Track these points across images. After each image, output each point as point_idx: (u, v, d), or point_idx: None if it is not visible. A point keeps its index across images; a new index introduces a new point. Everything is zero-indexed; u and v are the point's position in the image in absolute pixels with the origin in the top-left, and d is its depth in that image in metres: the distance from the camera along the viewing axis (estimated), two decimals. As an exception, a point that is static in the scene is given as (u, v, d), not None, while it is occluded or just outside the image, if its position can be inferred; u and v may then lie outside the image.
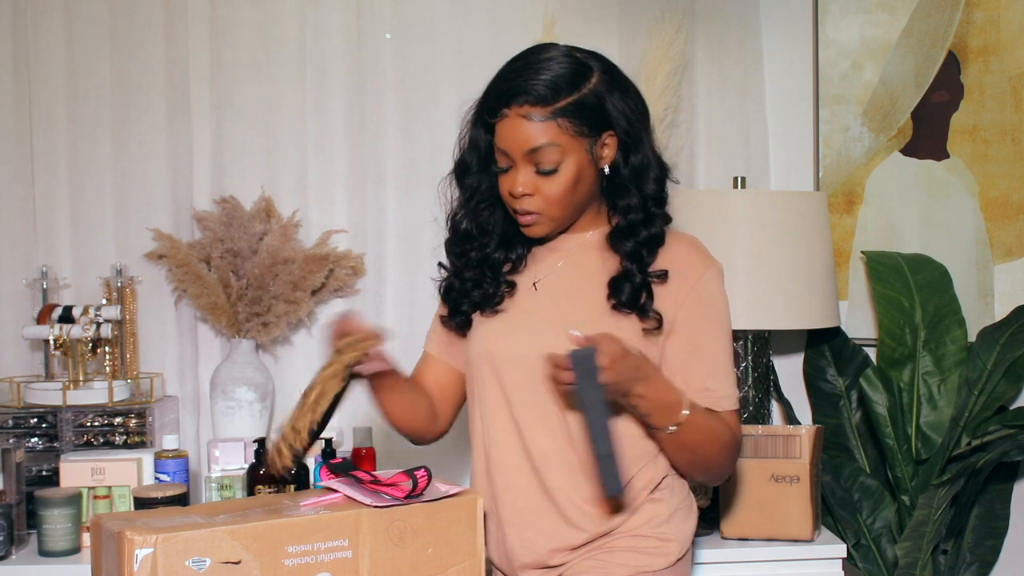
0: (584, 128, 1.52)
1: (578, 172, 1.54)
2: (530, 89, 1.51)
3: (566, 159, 1.52)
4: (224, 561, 1.29)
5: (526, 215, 1.56)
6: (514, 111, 1.52)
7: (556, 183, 1.53)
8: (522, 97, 1.51)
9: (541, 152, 1.52)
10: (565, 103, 1.51)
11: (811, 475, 2.11)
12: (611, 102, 1.54)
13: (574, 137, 1.52)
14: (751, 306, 2.30)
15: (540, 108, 1.51)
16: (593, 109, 1.53)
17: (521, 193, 1.54)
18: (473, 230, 1.65)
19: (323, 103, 2.53)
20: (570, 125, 1.51)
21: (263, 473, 2.09)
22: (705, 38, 2.61)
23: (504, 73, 1.56)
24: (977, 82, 2.52)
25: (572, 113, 1.51)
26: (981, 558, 2.44)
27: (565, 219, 1.59)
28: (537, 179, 1.54)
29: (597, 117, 1.53)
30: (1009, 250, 2.51)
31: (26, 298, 2.44)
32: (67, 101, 2.49)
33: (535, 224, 1.57)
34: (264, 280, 2.39)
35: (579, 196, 1.56)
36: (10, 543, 2.02)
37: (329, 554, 1.35)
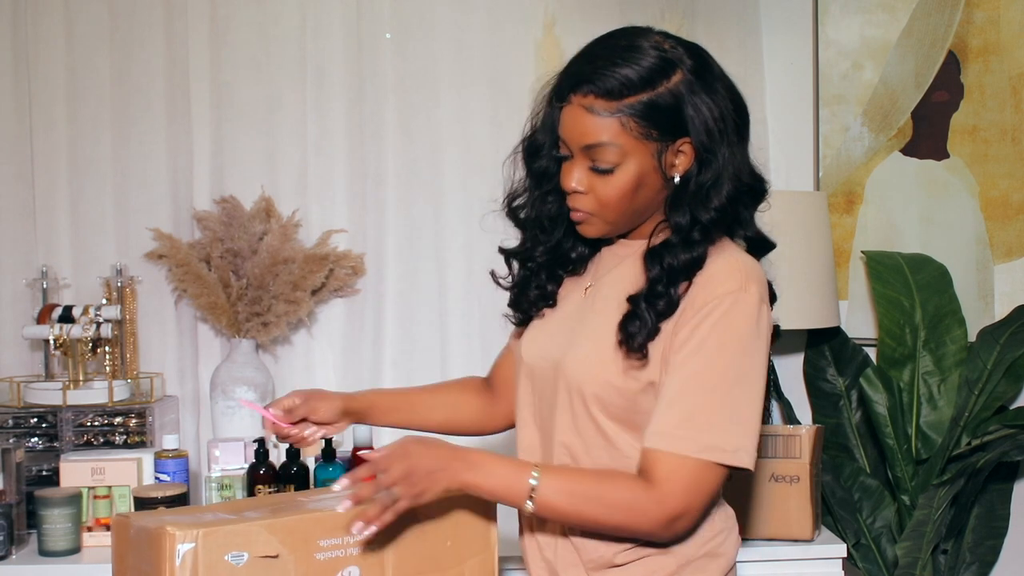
0: (653, 131, 1.36)
1: (639, 177, 1.38)
2: (598, 79, 1.35)
3: (626, 161, 1.37)
4: (262, 555, 1.30)
5: (577, 213, 1.43)
6: (578, 100, 1.37)
7: (611, 185, 1.38)
8: (588, 86, 1.36)
9: (598, 150, 1.37)
10: (634, 100, 1.35)
11: (811, 475, 2.11)
12: (691, 106, 1.37)
13: (639, 139, 1.36)
14: (751, 306, 2.29)
15: (605, 101, 1.35)
16: (667, 112, 1.36)
17: (574, 189, 1.41)
18: (534, 220, 1.51)
19: (323, 103, 2.53)
20: (636, 126, 1.36)
21: (263, 473, 2.10)
22: (705, 38, 2.61)
23: (581, 54, 1.42)
24: (977, 82, 2.52)
25: (640, 113, 1.35)
26: (981, 558, 2.44)
27: (621, 224, 1.43)
28: (593, 177, 1.39)
29: (671, 121, 1.37)
30: (1009, 250, 2.51)
31: (26, 298, 2.45)
32: (67, 101, 2.49)
33: (586, 224, 1.44)
34: (264, 280, 2.39)
35: (639, 202, 1.41)
36: (10, 543, 2.02)
37: (357, 547, 1.37)
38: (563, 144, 1.42)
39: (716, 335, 1.34)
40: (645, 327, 1.37)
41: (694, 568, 1.44)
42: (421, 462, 1.30)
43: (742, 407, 1.34)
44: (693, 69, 1.39)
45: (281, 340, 2.53)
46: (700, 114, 1.37)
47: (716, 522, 1.47)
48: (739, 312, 1.34)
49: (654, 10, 2.56)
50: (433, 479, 1.30)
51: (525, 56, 2.52)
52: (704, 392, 1.33)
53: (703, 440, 1.31)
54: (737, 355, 1.34)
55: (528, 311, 1.56)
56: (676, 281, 1.38)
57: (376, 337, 2.53)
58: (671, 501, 1.32)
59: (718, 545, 1.47)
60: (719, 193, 1.39)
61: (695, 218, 1.39)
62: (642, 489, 1.32)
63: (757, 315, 1.35)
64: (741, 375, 1.34)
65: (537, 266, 1.53)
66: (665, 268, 1.38)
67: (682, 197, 1.40)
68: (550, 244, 1.52)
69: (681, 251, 1.38)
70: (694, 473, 1.32)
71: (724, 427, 1.33)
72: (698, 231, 1.39)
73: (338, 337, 2.55)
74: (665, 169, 1.39)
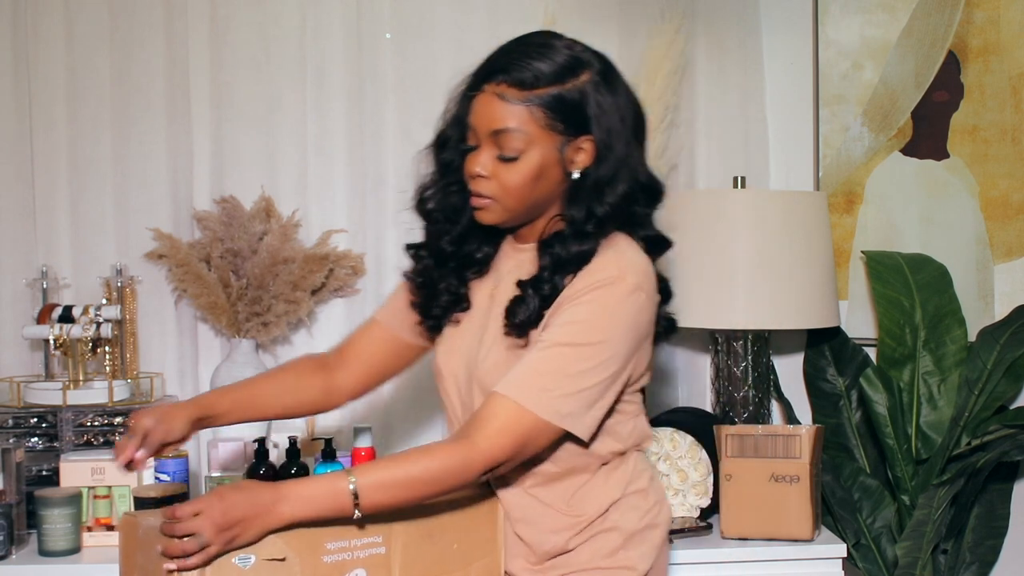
0: (558, 124, 1.45)
1: (541, 167, 1.46)
2: (512, 69, 1.44)
3: (530, 150, 1.45)
4: (269, 558, 1.30)
5: (479, 198, 1.49)
6: (491, 88, 1.46)
7: (514, 172, 1.46)
8: (502, 75, 1.45)
9: (505, 136, 1.45)
10: (544, 92, 1.44)
11: (811, 475, 2.11)
12: (595, 104, 1.46)
13: (544, 130, 1.45)
14: (751, 306, 2.30)
15: (517, 90, 1.44)
16: (573, 106, 1.45)
17: (478, 174, 1.48)
18: (439, 210, 1.57)
19: (323, 103, 2.53)
20: (543, 116, 1.44)
21: (263, 473, 2.10)
22: (705, 38, 2.61)
23: (498, 49, 1.50)
24: (977, 82, 2.52)
25: (548, 104, 1.44)
26: (981, 558, 2.44)
27: (519, 212, 1.50)
28: (498, 164, 1.46)
29: (576, 117, 1.45)
30: (1009, 250, 2.51)
31: (26, 298, 2.44)
32: (67, 101, 2.49)
33: (486, 210, 1.50)
34: (264, 280, 2.39)
35: (539, 193, 1.48)
36: (10, 543, 2.02)
37: (364, 551, 1.38)
38: (472, 133, 1.49)
39: (584, 315, 1.43)
40: (527, 311, 1.46)
41: (638, 540, 1.54)
42: (233, 509, 1.30)
43: (589, 382, 1.42)
44: (600, 71, 1.48)
45: (281, 340, 2.53)
46: (603, 113, 1.46)
47: (651, 496, 1.58)
48: (610, 298, 1.43)
49: (654, 10, 2.56)
50: (244, 524, 1.30)
51: (525, 56, 2.52)
52: (559, 360, 1.41)
53: (545, 400, 1.40)
54: (599, 337, 1.42)
55: (441, 318, 1.61)
56: (564, 270, 1.46)
57: (376, 337, 2.53)
58: (498, 449, 1.40)
59: (655, 516, 1.57)
60: (614, 190, 1.47)
61: (590, 212, 1.47)
62: (458, 448, 1.40)
63: (628, 304, 1.44)
64: (596, 355, 1.42)
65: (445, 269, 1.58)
66: (554, 257, 1.47)
67: (579, 192, 1.48)
68: (455, 234, 1.57)
69: (573, 243, 1.46)
70: (528, 427, 1.40)
71: (567, 395, 1.41)
72: (592, 224, 1.47)
73: (338, 337, 2.50)
74: (565, 163, 1.47)
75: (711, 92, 2.61)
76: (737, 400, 2.43)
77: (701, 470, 2.22)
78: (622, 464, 1.56)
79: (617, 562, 1.53)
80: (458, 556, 1.48)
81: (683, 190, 2.59)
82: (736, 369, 2.43)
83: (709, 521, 2.21)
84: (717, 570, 2.10)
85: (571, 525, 1.52)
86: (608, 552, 1.53)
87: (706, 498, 2.22)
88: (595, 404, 1.45)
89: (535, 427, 1.41)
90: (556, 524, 1.52)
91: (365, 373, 1.70)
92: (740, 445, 2.14)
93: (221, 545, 1.28)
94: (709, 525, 2.19)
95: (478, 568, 1.50)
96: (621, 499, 1.54)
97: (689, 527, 2.15)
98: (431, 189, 1.58)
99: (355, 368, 1.70)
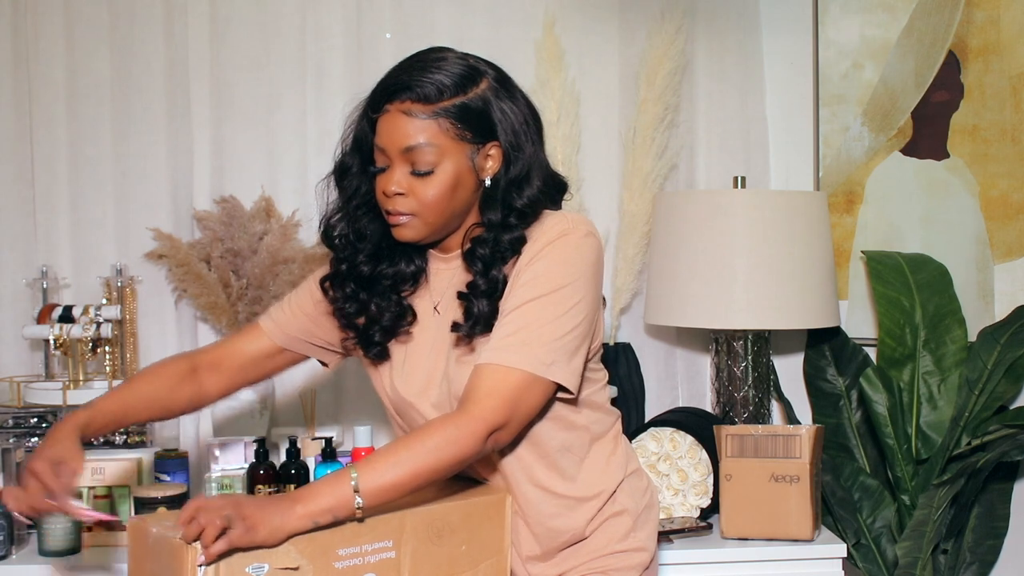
0: (467, 133, 1.47)
1: (456, 177, 1.48)
2: (414, 85, 1.46)
3: (444, 162, 1.47)
4: (282, 567, 1.31)
5: (397, 215, 1.49)
6: (396, 107, 1.47)
7: (431, 186, 1.47)
8: (405, 93, 1.46)
9: (418, 151, 1.46)
10: (449, 104, 1.46)
11: (811, 475, 2.11)
12: (498, 110, 1.49)
13: (455, 140, 1.47)
14: (751, 306, 2.30)
15: (422, 105, 1.45)
16: (478, 114, 1.48)
17: (394, 192, 1.48)
18: (349, 236, 1.56)
19: (323, 103, 2.53)
20: (452, 127, 1.46)
21: (263, 473, 2.10)
22: (705, 38, 2.61)
23: (392, 70, 1.51)
24: (977, 82, 2.52)
25: (455, 115, 1.46)
26: (981, 558, 2.44)
27: (439, 226, 1.51)
28: (412, 180, 1.47)
29: (481, 124, 1.48)
30: (1009, 250, 2.51)
31: (26, 298, 2.44)
32: (67, 101, 2.49)
33: (405, 227, 1.50)
34: (264, 280, 2.39)
35: (456, 203, 1.50)
36: (10, 543, 2.02)
37: (375, 555, 1.39)
38: (380, 154, 1.50)
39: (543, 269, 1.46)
40: (472, 317, 1.48)
41: (643, 520, 1.60)
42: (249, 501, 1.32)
43: (564, 328, 1.45)
44: (496, 79, 1.51)
45: (281, 340, 2.52)
46: (507, 117, 1.50)
47: (643, 477, 1.64)
48: (566, 247, 1.47)
49: (654, 10, 2.56)
50: (264, 512, 1.30)
51: (525, 56, 2.52)
52: (531, 314, 1.44)
53: (524, 353, 1.42)
54: (562, 282, 1.45)
55: (388, 338, 1.58)
56: (496, 263, 1.49)
57: (376, 337, 2.53)
58: (492, 414, 1.41)
59: (651, 496, 1.64)
60: (531, 184, 1.51)
61: (510, 207, 1.50)
62: (452, 419, 1.41)
63: (584, 248, 1.48)
64: (565, 300, 1.45)
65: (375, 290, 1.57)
66: (482, 259, 1.49)
67: (494, 196, 1.51)
68: (366, 253, 1.57)
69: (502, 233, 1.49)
70: (516, 385, 1.42)
71: (544, 344, 1.43)
72: (515, 216, 1.50)
73: (338, 337, 2.55)
74: (477, 171, 1.50)
75: (711, 92, 2.61)
76: (737, 400, 2.43)
77: (701, 470, 2.22)
78: (617, 445, 1.61)
79: (631, 544, 1.57)
80: (466, 557, 1.48)
81: (683, 190, 2.60)
82: (736, 369, 2.43)
83: (709, 521, 2.21)
84: (717, 570, 2.10)
85: (587, 509, 1.55)
86: (622, 535, 1.57)
87: (706, 498, 2.22)
88: (575, 351, 1.47)
89: (523, 383, 1.42)
90: (567, 509, 1.54)
91: (236, 380, 1.69)
92: (740, 445, 2.14)
93: (242, 530, 1.28)
94: (709, 525, 2.19)
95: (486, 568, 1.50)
96: (624, 481, 1.59)
97: (689, 527, 2.15)
98: (336, 216, 1.58)
99: (227, 375, 1.68)
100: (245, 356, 1.68)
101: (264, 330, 1.68)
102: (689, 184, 2.62)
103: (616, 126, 2.61)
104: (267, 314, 1.70)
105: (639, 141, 2.52)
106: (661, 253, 2.41)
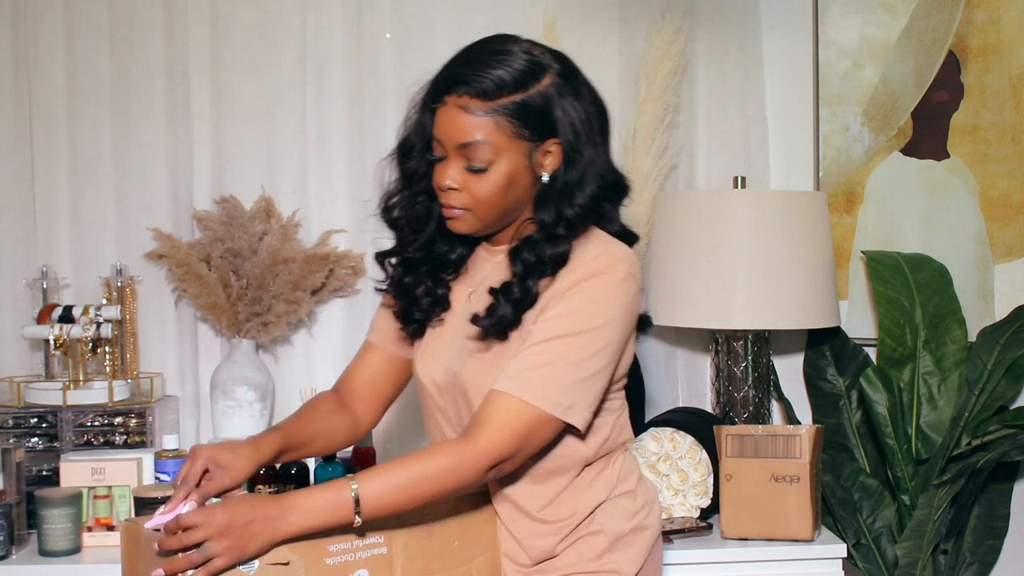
0: (525, 131, 1.44)
1: (511, 175, 1.45)
2: (473, 80, 1.42)
3: (499, 160, 1.44)
4: (273, 563, 1.31)
5: (451, 209, 1.48)
6: (453, 100, 1.44)
7: (485, 183, 1.45)
8: (463, 87, 1.43)
9: (473, 148, 1.43)
10: (507, 101, 1.42)
11: (811, 475, 2.11)
12: (559, 108, 1.44)
13: (511, 138, 1.43)
14: (751, 306, 2.30)
15: (480, 101, 1.42)
16: (538, 112, 1.44)
17: (448, 187, 1.46)
18: (405, 219, 1.56)
19: (323, 103, 2.53)
20: (509, 125, 1.43)
21: (263, 473, 2.10)
22: (705, 38, 2.61)
23: (454, 59, 1.48)
24: (977, 82, 2.52)
25: (513, 113, 1.42)
26: (981, 558, 2.44)
27: (493, 221, 1.50)
28: (467, 175, 1.45)
29: (541, 122, 1.44)
30: (1009, 250, 2.51)
31: (26, 298, 2.44)
32: (67, 101, 2.49)
33: (459, 220, 1.49)
34: (264, 280, 2.39)
35: (510, 200, 1.47)
36: (10, 543, 2.02)
37: (367, 551, 1.38)
38: (437, 144, 1.48)
39: (576, 305, 1.42)
40: (493, 316, 1.45)
41: (624, 544, 1.53)
42: (238, 516, 1.29)
43: (585, 372, 1.42)
44: (561, 73, 1.46)
45: (281, 340, 2.53)
46: (568, 115, 1.45)
47: (639, 497, 1.56)
48: (602, 286, 1.43)
49: (654, 10, 2.56)
50: (252, 531, 1.29)
51: (525, 56, 2.52)
52: (557, 352, 1.41)
53: (545, 391, 1.40)
54: (592, 324, 1.42)
55: (424, 321, 1.59)
56: (536, 274, 1.45)
57: (376, 337, 2.53)
58: (500, 448, 1.39)
59: (643, 519, 1.55)
60: (583, 191, 1.47)
61: (560, 214, 1.46)
62: (459, 448, 1.39)
63: (620, 292, 1.44)
64: (593, 343, 1.42)
65: (420, 272, 1.58)
66: (525, 263, 1.46)
67: (549, 195, 1.47)
68: (421, 242, 1.57)
69: (544, 246, 1.45)
70: (529, 422, 1.40)
71: (566, 385, 1.41)
72: (563, 227, 1.46)
73: (338, 337, 2.55)
74: (535, 168, 1.47)
75: (711, 92, 2.61)
76: (737, 400, 2.43)
77: (701, 470, 2.22)
78: (608, 466, 1.54)
79: (603, 566, 1.51)
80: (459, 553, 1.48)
81: (683, 190, 2.60)
82: (736, 369, 2.43)
83: (709, 521, 2.21)
84: (717, 570, 2.10)
85: (555, 531, 1.51)
86: (594, 556, 1.51)
87: (706, 498, 2.22)
88: (596, 395, 1.45)
89: (536, 421, 1.40)
90: (537, 530, 1.51)
91: (378, 399, 1.69)
92: (740, 445, 2.14)
93: (228, 559, 1.28)
94: (709, 525, 2.19)
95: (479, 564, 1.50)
96: (607, 501, 1.53)
97: (689, 527, 2.15)
98: (396, 197, 1.57)
99: (368, 397, 1.68)
100: (370, 374, 1.68)
101: (372, 343, 1.68)
102: (689, 184, 2.62)
103: (616, 126, 2.59)
104: (370, 327, 1.70)
105: (639, 141, 2.52)
106: (661, 253, 2.41)
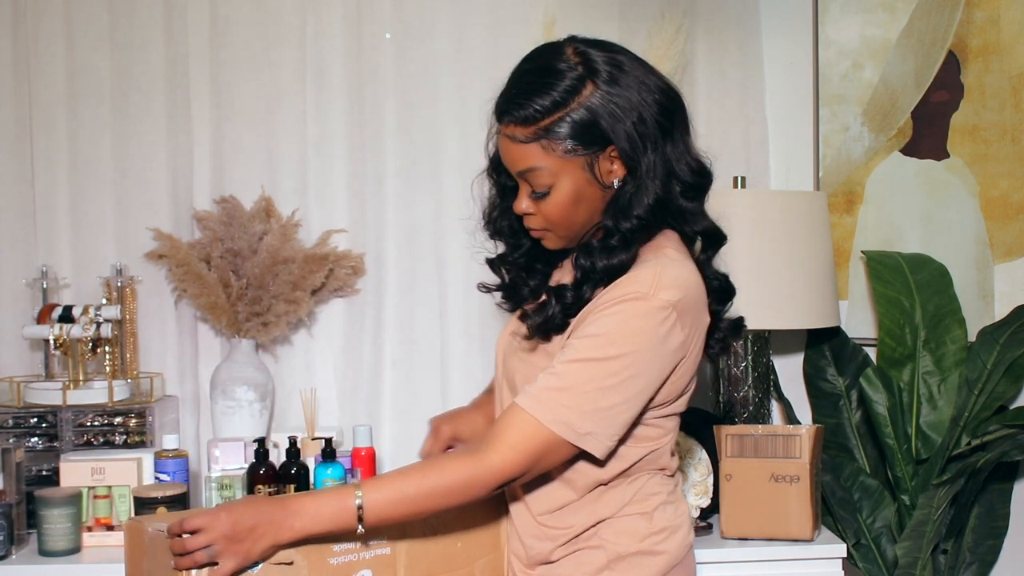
0: (577, 147, 1.39)
1: (575, 193, 1.42)
2: (513, 109, 1.40)
3: (558, 180, 1.41)
4: (277, 563, 1.31)
5: (533, 231, 1.49)
6: (503, 129, 1.43)
7: (551, 205, 1.43)
8: (507, 117, 1.41)
9: (530, 175, 1.42)
10: (549, 123, 1.38)
11: (811, 475, 2.11)
12: (609, 116, 1.38)
13: (564, 157, 1.39)
14: (751, 306, 2.29)
15: (523, 129, 1.39)
16: (585, 126, 1.38)
17: (524, 211, 1.46)
18: (506, 229, 1.56)
19: (323, 103, 2.53)
20: (558, 146, 1.39)
21: (263, 473, 2.10)
22: (705, 38, 2.61)
23: (506, 81, 1.45)
24: (977, 82, 2.52)
25: (559, 135, 1.38)
26: (981, 558, 2.44)
27: (573, 235, 1.47)
28: (535, 200, 1.45)
29: (591, 134, 1.39)
30: (1009, 250, 2.51)
31: (26, 298, 2.44)
32: (67, 101, 2.49)
33: (546, 239, 1.49)
34: (264, 280, 2.39)
35: (583, 214, 1.44)
36: (10, 543, 2.02)
37: (370, 551, 1.39)
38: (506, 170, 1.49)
39: (606, 328, 1.37)
40: (541, 315, 1.44)
41: (626, 564, 1.47)
42: (242, 519, 1.30)
43: (609, 400, 1.37)
44: (606, 79, 1.39)
45: (281, 340, 2.53)
46: (618, 122, 1.38)
47: (656, 520, 1.49)
48: (634, 313, 1.37)
49: (654, 10, 2.56)
50: (256, 534, 1.30)
51: (525, 56, 2.52)
52: (581, 376, 1.37)
53: (562, 415, 1.36)
54: (618, 351, 1.37)
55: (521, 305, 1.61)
56: (590, 283, 1.43)
57: (376, 337, 2.53)
58: (511, 468, 1.37)
59: (655, 544, 1.48)
60: (640, 202, 1.41)
61: (616, 226, 1.42)
62: (471, 463, 1.37)
63: (651, 321, 1.37)
64: (621, 371, 1.37)
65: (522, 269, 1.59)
66: (581, 270, 1.43)
67: (612, 204, 1.43)
68: (524, 249, 1.57)
69: (598, 256, 1.42)
70: (543, 444, 1.37)
71: (586, 412, 1.37)
72: (617, 239, 1.42)
73: (338, 337, 2.55)
74: (602, 178, 1.42)
75: (711, 92, 2.61)
76: (737, 400, 2.43)
77: (701, 470, 2.22)
78: (624, 484, 1.48)
79: None
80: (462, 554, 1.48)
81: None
82: (736, 369, 2.43)
83: (709, 521, 2.21)
84: (717, 570, 2.10)
85: (552, 536, 1.48)
86: (592, 570, 1.47)
87: (706, 498, 2.22)
88: (622, 424, 1.40)
89: (550, 443, 1.37)
90: (537, 532, 1.50)
91: None
92: (740, 445, 2.14)
93: (234, 559, 1.28)
94: (709, 525, 2.19)
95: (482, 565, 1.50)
96: (612, 518, 1.48)
97: (689, 527, 2.15)
98: (495, 211, 1.58)
99: None
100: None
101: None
102: (689, 184, 2.61)
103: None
104: None
105: (639, 141, 2.52)
106: (661, 253, 2.41)
